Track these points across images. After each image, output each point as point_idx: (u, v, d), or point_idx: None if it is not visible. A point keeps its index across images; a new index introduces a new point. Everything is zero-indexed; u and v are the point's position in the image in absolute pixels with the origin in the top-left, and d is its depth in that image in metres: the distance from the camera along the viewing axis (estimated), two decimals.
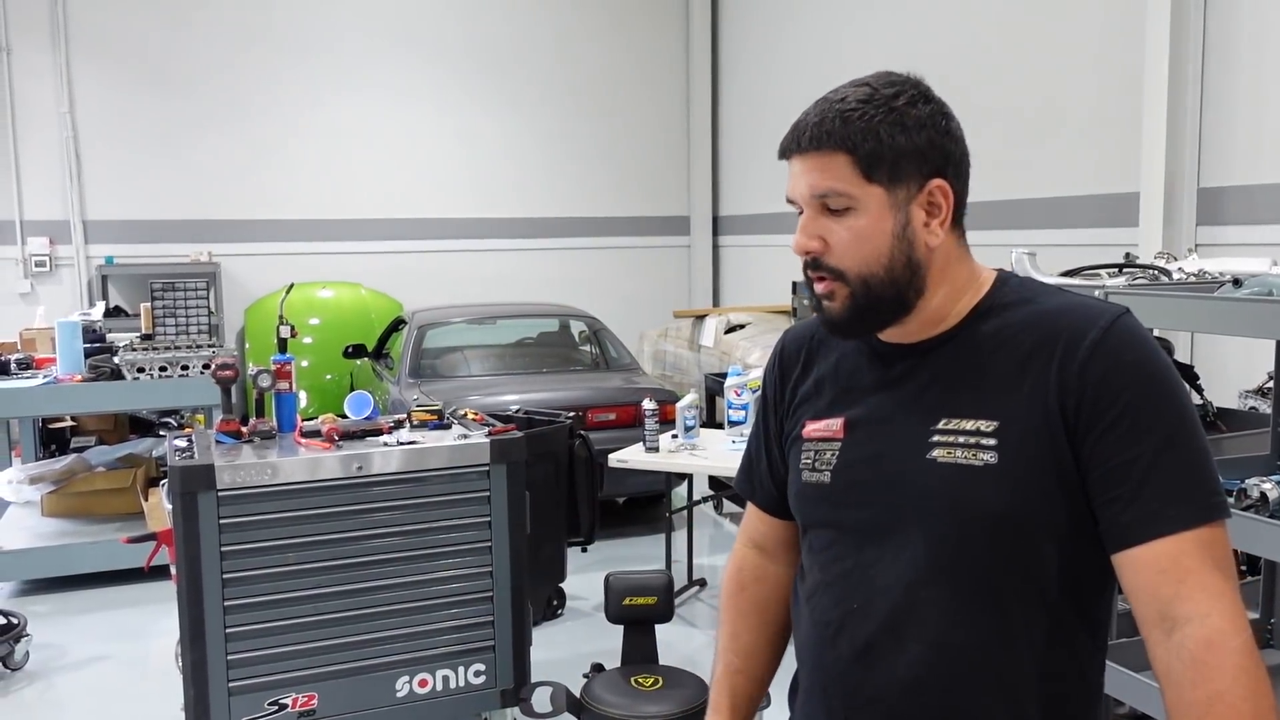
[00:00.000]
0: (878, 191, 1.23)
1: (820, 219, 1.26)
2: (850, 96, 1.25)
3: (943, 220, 1.26)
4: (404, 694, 3.19)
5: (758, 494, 1.52)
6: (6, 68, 8.39)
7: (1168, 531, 1.14)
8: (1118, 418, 1.16)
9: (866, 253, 1.24)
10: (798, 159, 1.27)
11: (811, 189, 1.25)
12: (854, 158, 1.23)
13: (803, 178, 1.26)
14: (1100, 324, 1.20)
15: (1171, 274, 3.22)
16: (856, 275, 1.25)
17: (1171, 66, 5.14)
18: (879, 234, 1.24)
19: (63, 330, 5.12)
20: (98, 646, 4.46)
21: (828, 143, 1.23)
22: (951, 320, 1.29)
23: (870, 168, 1.23)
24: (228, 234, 9.01)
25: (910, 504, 1.24)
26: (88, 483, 5.44)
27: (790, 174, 1.29)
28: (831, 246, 1.26)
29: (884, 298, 1.25)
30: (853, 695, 1.28)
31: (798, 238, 1.28)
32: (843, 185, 1.23)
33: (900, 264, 1.25)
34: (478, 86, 9.67)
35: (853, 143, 1.22)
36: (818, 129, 1.24)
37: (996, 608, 1.21)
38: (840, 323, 1.29)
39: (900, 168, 1.23)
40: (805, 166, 1.26)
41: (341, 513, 3.09)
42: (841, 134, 1.23)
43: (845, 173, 1.23)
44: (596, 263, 10.17)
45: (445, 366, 6.52)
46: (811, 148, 1.25)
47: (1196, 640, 1.10)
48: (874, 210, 1.24)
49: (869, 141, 1.22)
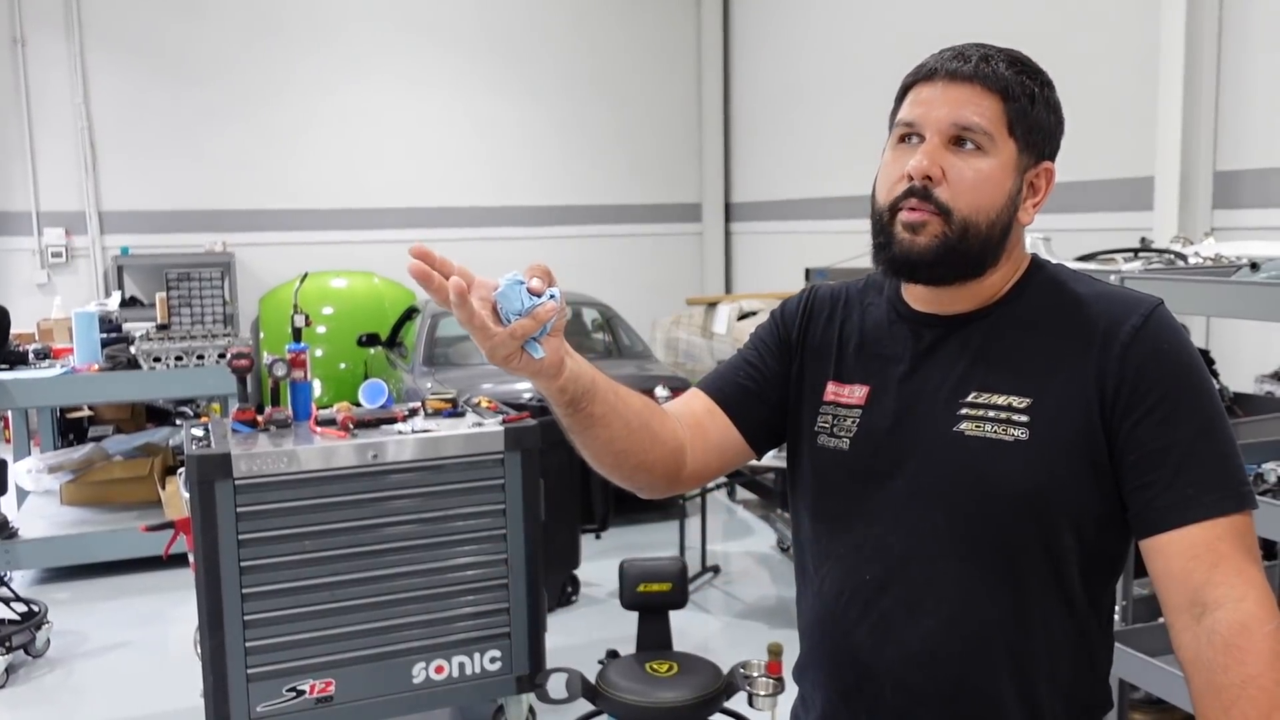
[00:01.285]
0: (1012, 146, 1.23)
1: (945, 151, 1.22)
2: (1005, 52, 1.26)
3: (1037, 202, 1.27)
4: (420, 680, 3.21)
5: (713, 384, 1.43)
6: (22, 59, 8.42)
7: (1203, 517, 1.14)
8: (1155, 404, 1.17)
9: (983, 199, 1.22)
10: (946, 85, 1.23)
11: (956, 118, 1.22)
12: (1006, 105, 1.22)
13: (947, 105, 1.22)
14: (1140, 312, 1.20)
15: (1188, 258, 3.20)
16: (962, 217, 1.22)
17: (1187, 49, 5.10)
18: (999, 186, 1.23)
19: (80, 321, 5.15)
20: (118, 633, 4.50)
21: (990, 80, 1.22)
22: (990, 298, 1.29)
23: (1016, 121, 1.23)
24: (242, 224, 9.04)
25: (933, 476, 1.24)
26: (106, 472, 5.48)
27: (920, 99, 1.25)
28: (950, 181, 1.22)
29: (972, 250, 1.23)
30: (863, 667, 1.27)
31: (920, 160, 1.21)
32: (988, 125, 1.22)
33: (1000, 225, 1.24)
34: (491, 74, 9.66)
35: (1011, 91, 1.23)
36: (983, 63, 1.23)
37: (1013, 585, 1.22)
38: (918, 259, 1.23)
39: (1034, 135, 1.25)
40: (954, 95, 1.23)
41: (357, 501, 3.10)
42: (1004, 78, 1.23)
43: (995, 114, 1.22)
44: (609, 250, 10.16)
45: (459, 355, 6.54)
46: (971, 78, 1.22)
47: (1229, 624, 1.11)
48: (1003, 161, 1.23)
49: (1024, 97, 1.23)
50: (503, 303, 1.09)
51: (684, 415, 1.40)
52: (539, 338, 1.12)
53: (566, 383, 1.20)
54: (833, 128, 8.34)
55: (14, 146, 8.48)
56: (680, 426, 1.38)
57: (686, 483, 1.40)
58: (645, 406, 1.33)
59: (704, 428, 1.40)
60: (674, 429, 1.37)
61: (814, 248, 7.79)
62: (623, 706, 2.85)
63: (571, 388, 1.21)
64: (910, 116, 1.25)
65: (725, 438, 1.40)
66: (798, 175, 8.98)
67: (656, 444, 1.33)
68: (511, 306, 1.09)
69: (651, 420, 1.33)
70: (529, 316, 1.10)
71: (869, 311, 1.37)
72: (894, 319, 1.34)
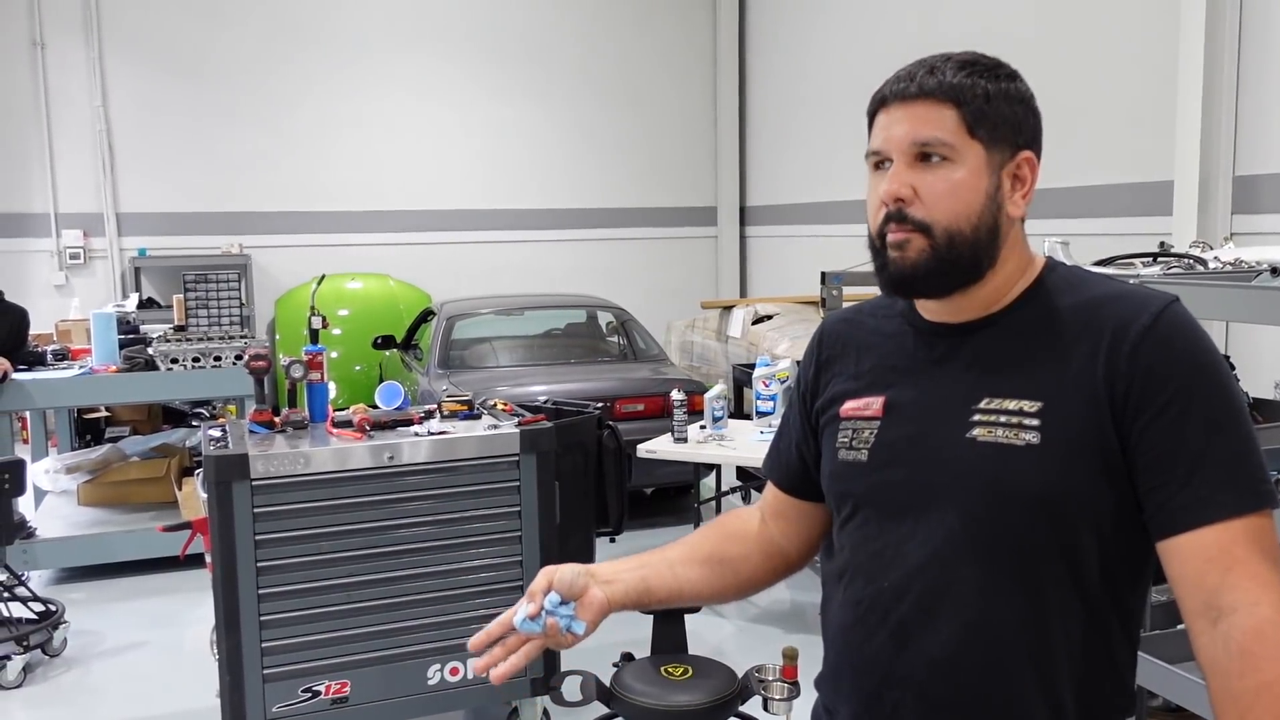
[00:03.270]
0: (978, 148, 1.24)
1: (913, 170, 1.24)
2: (955, 58, 1.26)
3: (1025, 193, 1.27)
4: (435, 682, 3.21)
5: (775, 471, 1.53)
6: (41, 62, 8.49)
7: (1217, 518, 1.13)
8: (1167, 404, 1.16)
9: (959, 206, 1.23)
10: (899, 107, 1.25)
11: (913, 137, 1.24)
12: (961, 111, 1.23)
13: (903, 125, 1.24)
14: (1151, 310, 1.19)
15: (1207, 263, 3.18)
16: (943, 229, 1.23)
17: (1207, 52, 5.08)
18: (974, 190, 1.24)
19: (98, 322, 5.18)
20: (134, 633, 4.53)
21: (937, 93, 1.23)
22: (1001, 302, 1.29)
23: (975, 123, 1.23)
24: (258, 226, 9.09)
25: (948, 482, 1.24)
26: (123, 472, 5.51)
27: (881, 125, 1.27)
28: (922, 198, 1.24)
29: (963, 257, 1.24)
30: (884, 674, 1.27)
31: (888, 185, 1.24)
32: (947, 135, 1.23)
33: (986, 225, 1.24)
34: (506, 79, 9.69)
35: (962, 97, 1.23)
36: (928, 78, 1.24)
37: (1032, 589, 1.21)
38: (911, 275, 1.25)
39: (1000, 131, 1.25)
40: (908, 115, 1.24)
41: (373, 502, 3.11)
42: (952, 86, 1.23)
43: (951, 124, 1.23)
44: (624, 254, 10.17)
45: (474, 357, 6.55)
46: (919, 96, 1.24)
47: (1244, 630, 1.09)
48: (971, 166, 1.24)
49: (977, 99, 1.23)
50: (523, 630, 1.28)
51: (766, 509, 1.52)
52: (572, 615, 1.30)
53: (621, 605, 1.37)
54: (848, 132, 8.32)
55: (33, 149, 8.54)
56: (766, 525, 1.51)
57: (799, 564, 1.53)
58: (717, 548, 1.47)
59: (785, 515, 1.50)
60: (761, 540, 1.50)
61: (830, 252, 7.77)
62: (637, 709, 2.85)
63: (629, 602, 1.37)
64: (876, 145, 1.28)
65: (806, 514, 1.49)
66: (813, 179, 8.97)
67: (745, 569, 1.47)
68: (531, 631, 1.28)
69: (728, 553, 1.47)
70: (543, 636, 1.28)
71: (883, 326, 1.39)
72: (907, 331, 1.35)
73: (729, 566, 1.46)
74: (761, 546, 1.49)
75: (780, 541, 1.50)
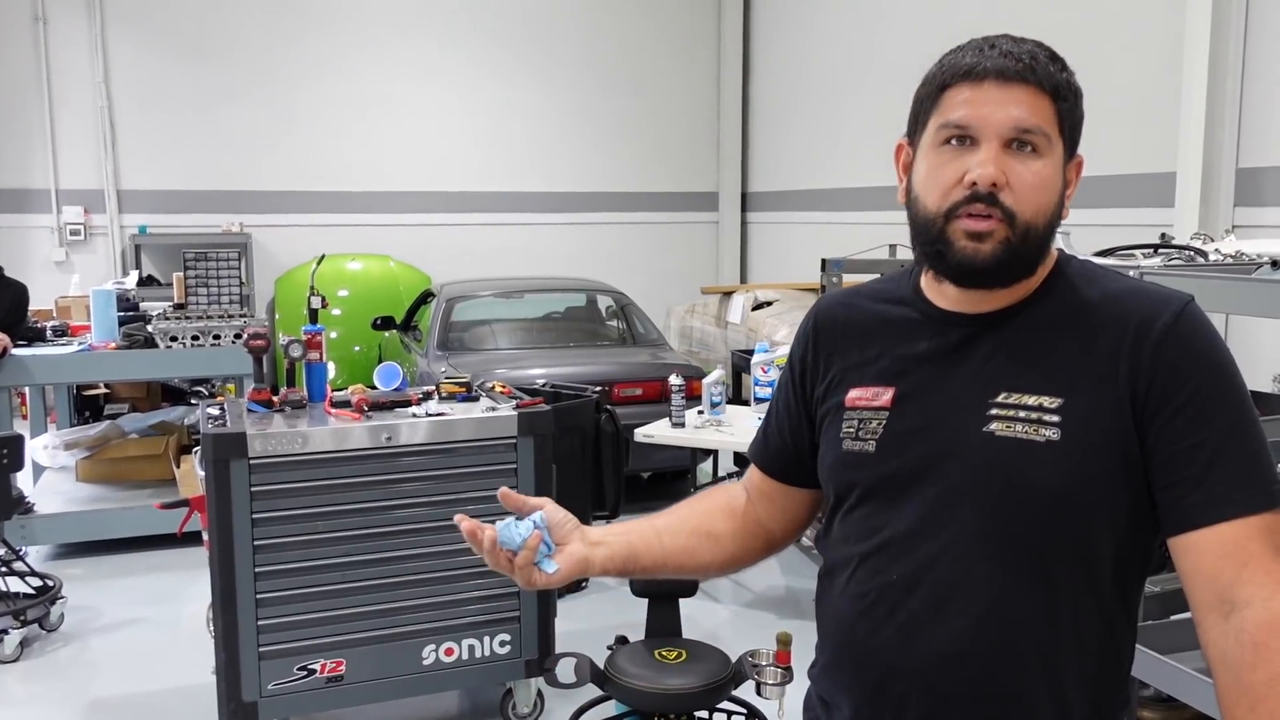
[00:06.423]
0: (1060, 145, 1.22)
1: (1004, 155, 1.19)
2: (1041, 46, 1.22)
3: (1069, 195, 1.26)
4: (430, 662, 3.23)
5: (761, 455, 1.51)
6: (43, 37, 8.46)
7: (1233, 515, 1.13)
8: (1186, 402, 1.16)
9: (1043, 201, 1.21)
10: (997, 87, 1.19)
11: (1017, 121, 1.18)
12: (1057, 105, 1.20)
13: (1006, 108, 1.18)
14: (1171, 309, 1.19)
15: (1208, 255, 3.18)
16: (1025, 222, 1.19)
17: (1212, 45, 5.06)
18: (1053, 187, 1.22)
19: (97, 299, 5.18)
20: (131, 610, 4.54)
21: (1042, 80, 1.19)
22: (1018, 295, 1.27)
23: (1064, 120, 1.22)
24: (259, 205, 9.07)
25: (963, 476, 1.22)
26: (121, 449, 5.52)
27: (966, 100, 1.20)
28: (1013, 186, 1.19)
29: (1030, 252, 1.22)
30: (889, 666, 1.26)
31: (987, 168, 1.17)
32: (1048, 126, 1.20)
33: (1054, 224, 1.23)
34: (509, 60, 9.66)
35: (1061, 91, 1.21)
36: (1034, 63, 1.19)
37: (1044, 584, 1.20)
38: (983, 266, 1.20)
39: (1075, 132, 1.24)
40: (1008, 97, 1.18)
41: (370, 482, 3.12)
42: (1054, 77, 1.20)
43: (1049, 116, 1.20)
44: (624, 238, 10.16)
45: (473, 339, 6.55)
46: (1023, 79, 1.19)
47: (1257, 623, 1.10)
48: (1054, 161, 1.21)
49: (1069, 96, 1.22)
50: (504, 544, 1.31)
51: (752, 490, 1.52)
52: (550, 554, 1.33)
53: (603, 568, 1.37)
54: (851, 119, 8.31)
55: (34, 125, 8.52)
56: (754, 505, 1.50)
57: (784, 544, 1.53)
58: (704, 521, 1.47)
59: (770, 498, 1.50)
60: (746, 518, 1.49)
61: (830, 238, 7.76)
62: (631, 692, 2.86)
63: (612, 566, 1.38)
64: (961, 119, 1.20)
65: (792, 498, 1.49)
66: (815, 166, 8.95)
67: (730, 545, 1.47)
68: (511, 544, 1.30)
69: (716, 527, 1.47)
70: (524, 549, 1.30)
71: (886, 311, 1.36)
72: (917, 319, 1.32)
73: (715, 541, 1.47)
74: (747, 525, 1.49)
75: (765, 522, 1.50)
